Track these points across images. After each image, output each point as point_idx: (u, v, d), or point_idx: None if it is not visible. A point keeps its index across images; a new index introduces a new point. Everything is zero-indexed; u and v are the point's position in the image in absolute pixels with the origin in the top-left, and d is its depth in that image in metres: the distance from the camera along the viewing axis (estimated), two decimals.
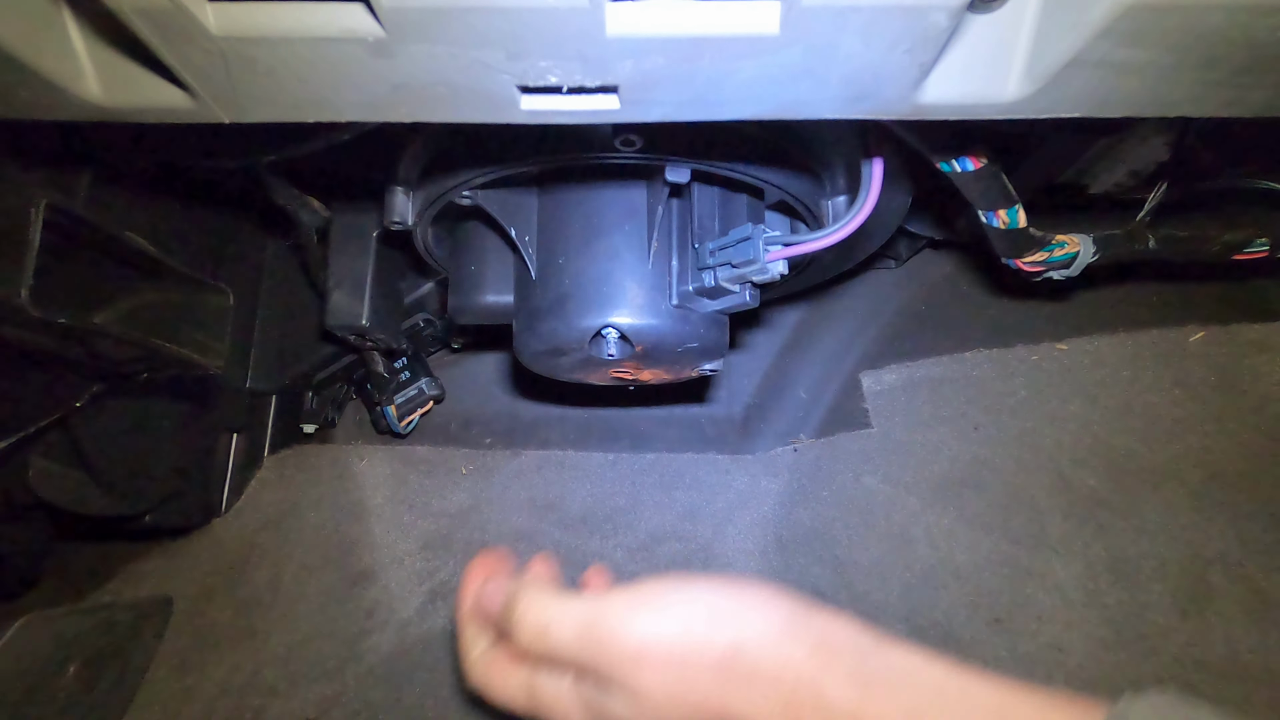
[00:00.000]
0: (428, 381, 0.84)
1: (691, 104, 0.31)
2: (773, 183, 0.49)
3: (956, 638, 0.77)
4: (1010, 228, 0.53)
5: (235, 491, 0.88)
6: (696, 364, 0.56)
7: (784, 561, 0.84)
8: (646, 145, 0.45)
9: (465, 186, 0.51)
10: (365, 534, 0.87)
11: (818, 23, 0.25)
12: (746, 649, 0.34)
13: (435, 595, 0.84)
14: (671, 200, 0.52)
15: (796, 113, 0.31)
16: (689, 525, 0.86)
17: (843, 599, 0.81)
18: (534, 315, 0.52)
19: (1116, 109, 0.31)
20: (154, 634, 0.80)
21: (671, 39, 0.26)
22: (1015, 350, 0.85)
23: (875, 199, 0.42)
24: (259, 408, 0.89)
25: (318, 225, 0.69)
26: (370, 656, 0.80)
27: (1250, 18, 0.25)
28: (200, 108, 0.30)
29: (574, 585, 0.43)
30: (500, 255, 0.58)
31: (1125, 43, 0.26)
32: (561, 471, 0.89)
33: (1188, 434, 0.79)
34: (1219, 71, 0.28)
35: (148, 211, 0.64)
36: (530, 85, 0.29)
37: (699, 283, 0.51)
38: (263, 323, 0.85)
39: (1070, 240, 0.59)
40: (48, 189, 0.50)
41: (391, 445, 0.91)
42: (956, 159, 0.45)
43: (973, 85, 0.30)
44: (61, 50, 0.29)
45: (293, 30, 0.26)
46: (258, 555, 0.86)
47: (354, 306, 0.69)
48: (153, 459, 0.75)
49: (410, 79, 0.29)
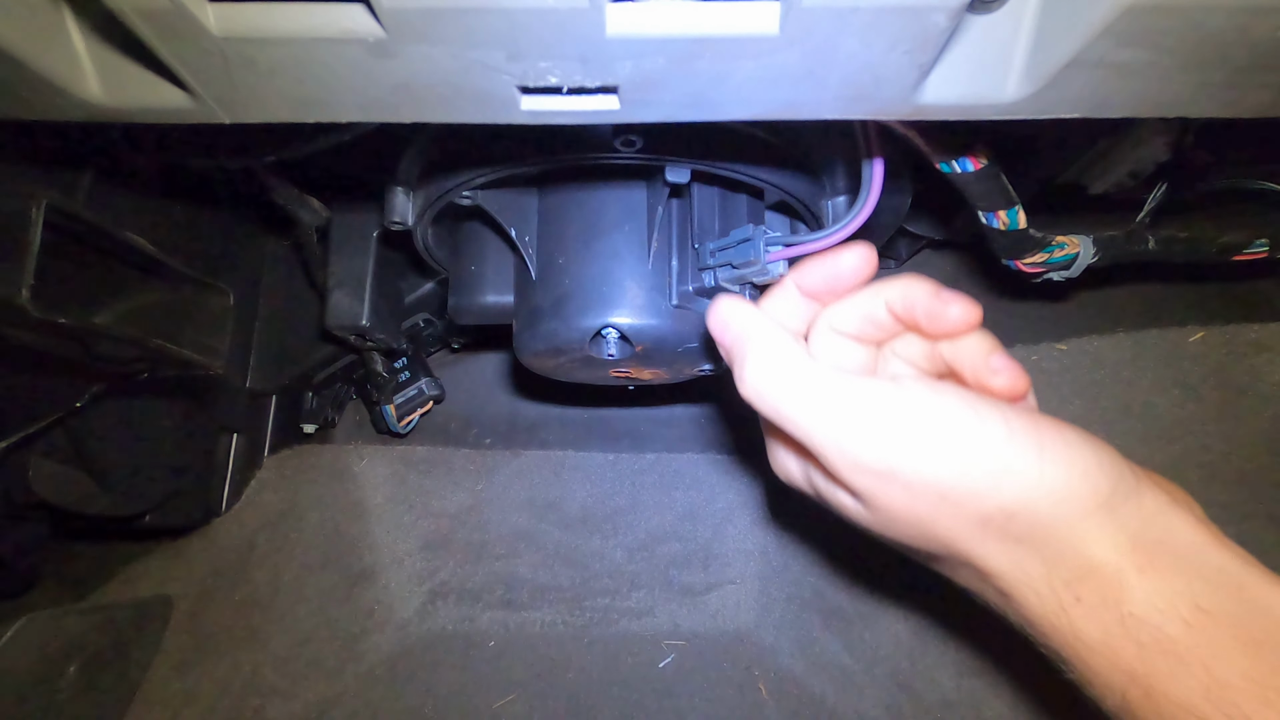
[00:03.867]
0: (428, 381, 0.84)
1: (691, 104, 0.31)
2: (773, 183, 0.49)
3: (956, 638, 0.77)
4: (1010, 229, 0.53)
5: (235, 491, 0.88)
6: (696, 364, 0.56)
7: (784, 562, 0.84)
8: (646, 145, 0.45)
9: (465, 187, 0.51)
10: (365, 534, 0.87)
11: (817, 23, 0.25)
12: (1039, 508, 0.31)
13: (435, 595, 0.84)
14: (671, 200, 0.52)
15: (796, 113, 0.31)
16: (689, 525, 0.86)
17: (843, 598, 0.81)
18: (534, 315, 0.52)
19: (1116, 109, 0.31)
20: (154, 634, 0.80)
21: (671, 39, 0.26)
22: (1015, 350, 0.85)
23: (876, 200, 0.42)
24: (259, 408, 0.89)
25: (318, 225, 0.69)
26: (370, 656, 0.80)
27: (1250, 18, 0.25)
28: (200, 108, 0.30)
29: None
30: (500, 255, 0.58)
31: (1125, 43, 0.27)
32: (561, 471, 0.89)
33: (1188, 434, 0.79)
34: (1219, 72, 0.28)
35: (148, 211, 0.64)
36: (530, 86, 0.29)
37: (699, 283, 0.51)
38: (263, 323, 0.85)
39: (1070, 241, 0.59)
40: (48, 189, 0.50)
41: (391, 445, 0.91)
42: (956, 160, 0.45)
43: (972, 86, 0.30)
44: (61, 50, 0.29)
45: (293, 30, 0.26)
46: (258, 555, 0.86)
47: (354, 306, 0.69)
48: (153, 459, 0.75)
49: (410, 79, 0.29)
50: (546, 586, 0.83)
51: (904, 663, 0.77)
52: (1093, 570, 0.31)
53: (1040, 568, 0.32)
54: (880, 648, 0.78)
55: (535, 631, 0.81)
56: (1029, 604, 0.33)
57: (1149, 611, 0.30)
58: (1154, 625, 0.30)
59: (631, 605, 0.82)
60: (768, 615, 0.81)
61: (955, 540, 0.33)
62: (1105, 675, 0.31)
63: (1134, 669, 0.30)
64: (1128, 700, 0.31)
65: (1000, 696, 0.74)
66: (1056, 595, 0.32)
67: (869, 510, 0.34)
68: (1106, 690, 0.32)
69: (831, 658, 0.78)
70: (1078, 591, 0.31)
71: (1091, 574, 0.31)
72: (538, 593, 0.83)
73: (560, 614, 0.82)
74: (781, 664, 0.79)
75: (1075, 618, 0.31)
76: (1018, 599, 0.33)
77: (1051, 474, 0.30)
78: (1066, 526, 0.31)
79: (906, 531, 0.34)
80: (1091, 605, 0.31)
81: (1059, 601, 0.32)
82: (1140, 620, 0.30)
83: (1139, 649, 0.30)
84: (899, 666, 0.77)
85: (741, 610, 0.82)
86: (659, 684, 0.78)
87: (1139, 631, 0.30)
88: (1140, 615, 0.30)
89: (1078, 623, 0.31)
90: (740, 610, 0.82)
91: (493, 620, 0.82)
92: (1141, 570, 0.30)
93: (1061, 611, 0.32)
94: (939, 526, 0.32)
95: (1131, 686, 0.30)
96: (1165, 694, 0.29)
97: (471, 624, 0.82)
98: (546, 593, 0.83)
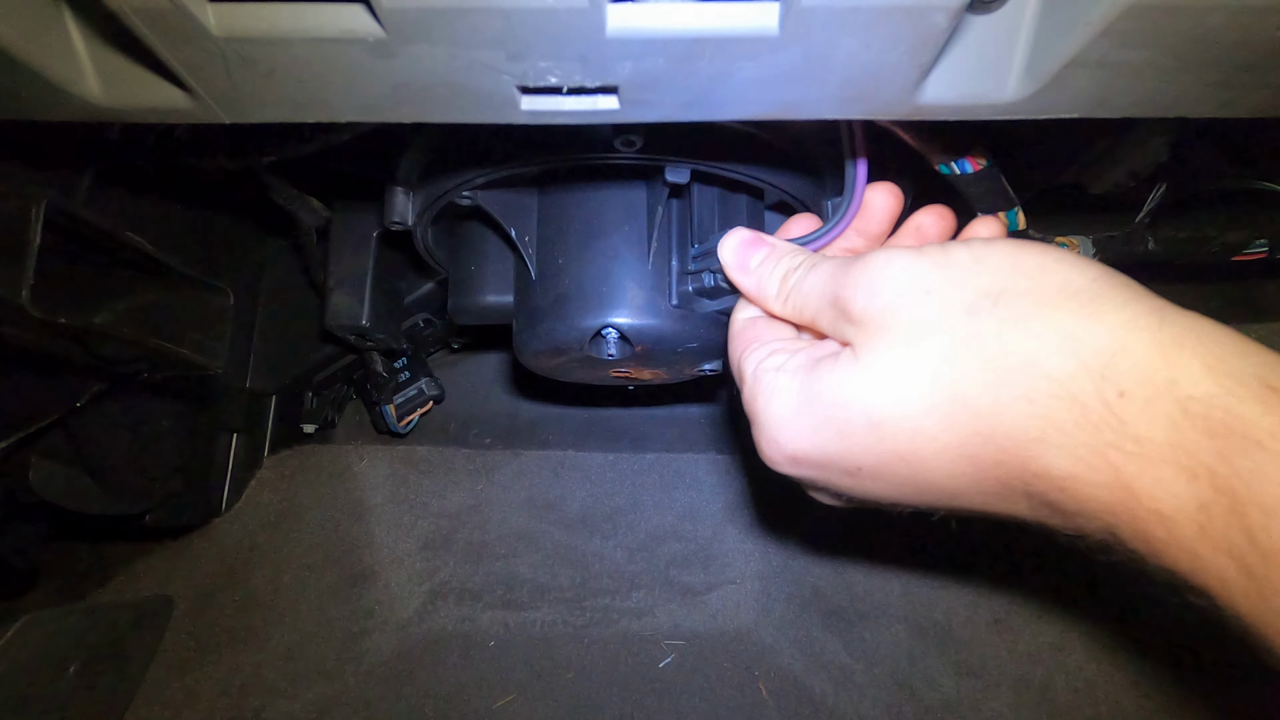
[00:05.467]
0: (427, 381, 0.84)
1: (691, 104, 0.31)
2: (772, 183, 0.49)
3: (956, 638, 0.77)
4: (1010, 230, 0.53)
5: (235, 491, 0.88)
6: (696, 364, 0.56)
7: (784, 562, 0.84)
8: (646, 145, 0.45)
9: (465, 187, 0.51)
10: (365, 534, 0.87)
11: (817, 23, 0.25)
12: (1063, 314, 0.27)
13: (435, 595, 0.84)
14: (671, 200, 0.52)
15: (796, 113, 0.31)
16: (689, 525, 0.86)
17: (843, 598, 0.81)
18: (534, 315, 0.52)
19: (1116, 109, 0.31)
20: (154, 634, 0.80)
21: (671, 39, 0.26)
22: None
23: (860, 202, 0.42)
24: (259, 408, 0.89)
25: (318, 225, 0.69)
26: (370, 656, 0.80)
27: (1250, 18, 0.25)
28: (200, 108, 0.30)
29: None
30: (500, 255, 0.58)
31: (1125, 43, 0.27)
32: (561, 471, 0.89)
33: None
34: (1219, 71, 0.28)
35: (148, 211, 0.64)
36: (530, 86, 0.29)
37: (699, 283, 0.51)
38: (263, 323, 0.85)
39: (1070, 242, 0.59)
40: (48, 189, 0.50)
41: (391, 445, 0.91)
42: (955, 161, 0.45)
43: (972, 85, 0.30)
44: (61, 50, 0.29)
45: (293, 31, 0.26)
46: (258, 555, 0.86)
47: (354, 306, 0.69)
48: (153, 459, 0.75)
49: (410, 79, 0.29)
50: (546, 586, 0.83)
51: (904, 663, 0.77)
52: (1124, 348, 0.25)
53: (1065, 360, 0.26)
54: (880, 648, 0.78)
55: (535, 631, 0.81)
56: (1070, 433, 0.26)
57: (1213, 392, 0.24)
58: (1224, 408, 0.23)
59: (631, 605, 0.82)
60: (768, 615, 0.81)
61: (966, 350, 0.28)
62: (1182, 498, 0.24)
63: (1214, 470, 0.23)
64: (1209, 523, 0.23)
65: (1000, 697, 0.74)
66: (1099, 391, 0.25)
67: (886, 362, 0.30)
68: (1185, 525, 0.24)
69: (831, 658, 0.78)
70: (1119, 384, 0.25)
71: (1123, 352, 0.25)
72: (538, 593, 0.83)
73: (560, 614, 0.82)
74: (781, 664, 0.79)
75: (1126, 419, 0.24)
76: (1054, 435, 0.26)
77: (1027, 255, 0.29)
78: (1074, 305, 0.27)
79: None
80: (1140, 398, 0.24)
81: (1102, 399, 0.25)
82: (1206, 403, 0.24)
83: (1214, 442, 0.23)
84: (899, 666, 0.77)
85: (741, 610, 0.82)
86: (659, 684, 0.78)
87: (1208, 418, 0.23)
88: (1204, 397, 0.24)
89: (1130, 425, 0.24)
90: (740, 610, 0.82)
91: (493, 620, 0.82)
92: (1182, 345, 0.25)
93: (1110, 416, 0.25)
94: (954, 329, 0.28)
95: (1216, 500, 0.23)
96: (1259, 502, 0.22)
97: (471, 624, 0.82)
98: (546, 593, 0.83)
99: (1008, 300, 0.28)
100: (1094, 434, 0.25)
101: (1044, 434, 0.26)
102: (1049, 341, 0.26)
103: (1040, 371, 0.26)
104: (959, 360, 0.28)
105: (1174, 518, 0.24)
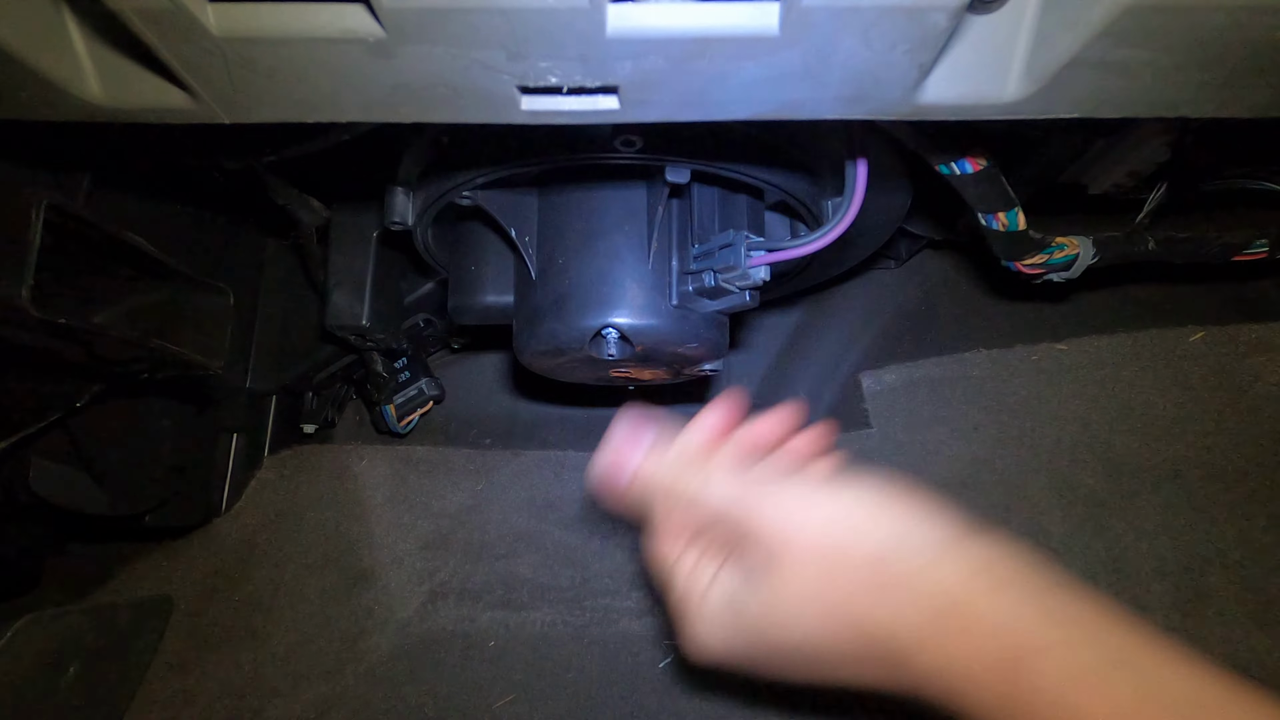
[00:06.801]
0: (427, 381, 0.84)
1: (691, 104, 0.31)
2: (772, 183, 0.49)
3: None
4: (1010, 230, 0.53)
5: (235, 491, 0.88)
6: (696, 364, 0.56)
7: None
8: (646, 145, 0.45)
9: (465, 187, 0.51)
10: (365, 534, 0.87)
11: (817, 23, 0.25)
12: (902, 554, 0.32)
13: (435, 595, 0.84)
14: (671, 200, 0.52)
15: (796, 113, 0.31)
16: None
17: None
18: (534, 315, 0.52)
19: (1116, 109, 0.31)
20: (154, 634, 0.80)
21: (671, 39, 0.26)
22: (1015, 350, 0.85)
23: (859, 203, 0.42)
24: (259, 408, 0.89)
25: (318, 225, 0.69)
26: (370, 656, 0.80)
27: (1250, 18, 0.25)
28: (200, 108, 0.30)
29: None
30: (500, 255, 0.58)
31: (1125, 43, 0.27)
32: (561, 471, 0.89)
33: (1188, 434, 0.79)
34: (1219, 72, 0.28)
35: (148, 211, 0.64)
36: (530, 86, 0.29)
37: (699, 283, 0.51)
38: (263, 323, 0.85)
39: (1070, 242, 0.59)
40: (48, 189, 0.50)
41: (391, 445, 0.91)
42: (955, 161, 0.45)
43: (972, 86, 0.30)
44: (61, 50, 0.29)
45: (293, 31, 0.26)
46: (258, 555, 0.86)
47: (354, 306, 0.69)
48: (153, 459, 0.75)
49: (410, 79, 0.29)
50: (546, 586, 0.83)
51: None
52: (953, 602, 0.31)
53: (916, 614, 0.32)
54: None
55: (535, 631, 0.81)
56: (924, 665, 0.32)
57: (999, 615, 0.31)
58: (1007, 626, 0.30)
59: (631, 605, 0.82)
60: None
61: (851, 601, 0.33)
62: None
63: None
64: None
65: None
66: (939, 635, 0.31)
67: (772, 578, 0.34)
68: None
69: None
70: (947, 623, 0.31)
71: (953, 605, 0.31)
72: (538, 593, 0.83)
73: (560, 614, 0.82)
74: None
75: (952, 649, 0.31)
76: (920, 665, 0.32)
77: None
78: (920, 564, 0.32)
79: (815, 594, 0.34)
80: (959, 632, 0.31)
81: (942, 634, 0.31)
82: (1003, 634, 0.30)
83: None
84: None
85: None
86: (659, 684, 0.78)
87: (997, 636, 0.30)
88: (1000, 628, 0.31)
89: (957, 654, 0.31)
90: None
91: (493, 620, 0.82)
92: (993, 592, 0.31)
93: (945, 643, 0.31)
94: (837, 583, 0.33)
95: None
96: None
97: (471, 624, 0.82)
98: (546, 593, 0.83)
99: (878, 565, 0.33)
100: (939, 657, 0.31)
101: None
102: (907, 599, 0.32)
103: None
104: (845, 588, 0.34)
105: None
